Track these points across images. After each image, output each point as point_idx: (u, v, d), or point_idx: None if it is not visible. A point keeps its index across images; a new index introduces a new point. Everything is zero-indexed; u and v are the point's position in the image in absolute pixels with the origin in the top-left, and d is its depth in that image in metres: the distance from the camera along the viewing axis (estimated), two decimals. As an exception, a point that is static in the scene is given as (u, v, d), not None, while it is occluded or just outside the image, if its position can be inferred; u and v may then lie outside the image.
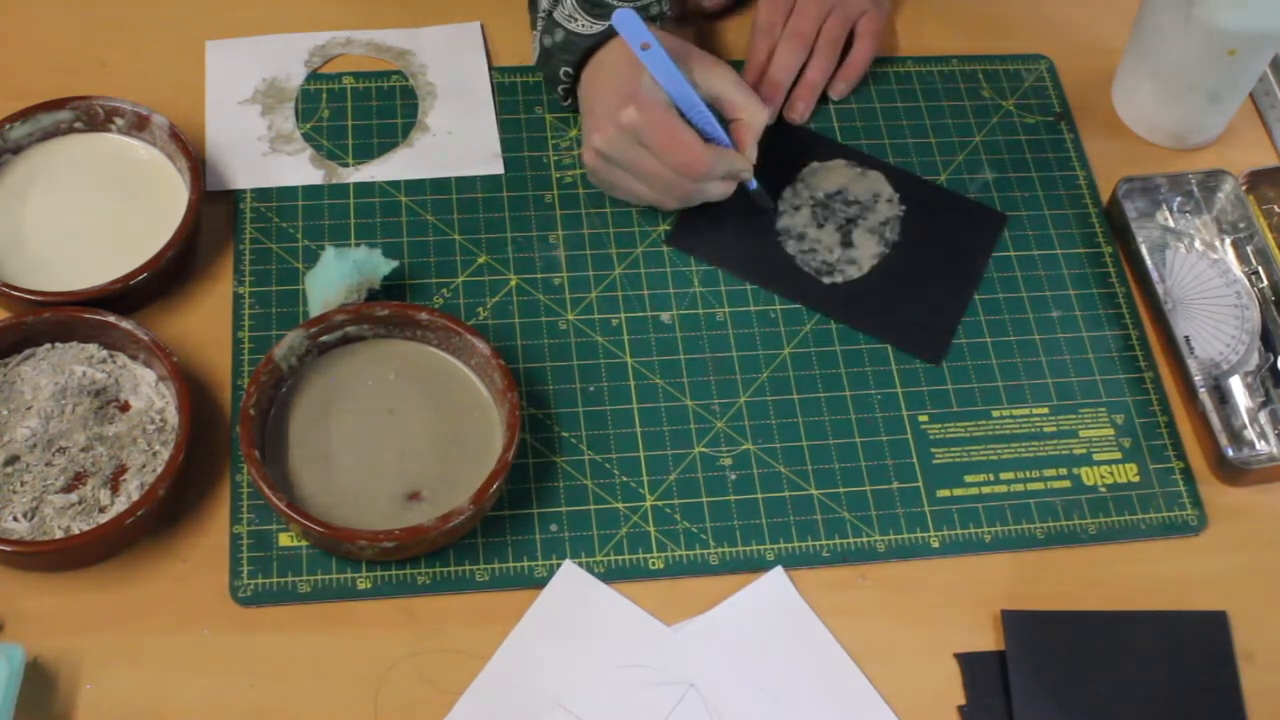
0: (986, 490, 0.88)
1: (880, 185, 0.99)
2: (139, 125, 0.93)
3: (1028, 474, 0.89)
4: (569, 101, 0.97)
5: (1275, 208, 1.01)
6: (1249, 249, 0.99)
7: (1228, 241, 1.00)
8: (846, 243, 0.96)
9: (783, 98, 1.00)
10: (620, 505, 0.86)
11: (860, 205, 0.98)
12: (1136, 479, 0.89)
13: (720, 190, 0.92)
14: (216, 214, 0.94)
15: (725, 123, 0.92)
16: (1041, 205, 1.01)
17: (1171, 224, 1.00)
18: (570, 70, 0.93)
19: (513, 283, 0.93)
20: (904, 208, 0.98)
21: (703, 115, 0.90)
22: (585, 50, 0.91)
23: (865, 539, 0.86)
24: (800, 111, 1.00)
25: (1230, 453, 0.89)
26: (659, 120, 0.87)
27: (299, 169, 0.96)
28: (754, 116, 0.91)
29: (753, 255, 0.95)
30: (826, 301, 0.94)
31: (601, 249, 0.95)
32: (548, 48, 0.93)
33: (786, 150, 0.99)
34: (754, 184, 0.95)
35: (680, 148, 0.87)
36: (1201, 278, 0.97)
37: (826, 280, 0.94)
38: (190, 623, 0.80)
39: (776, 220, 0.96)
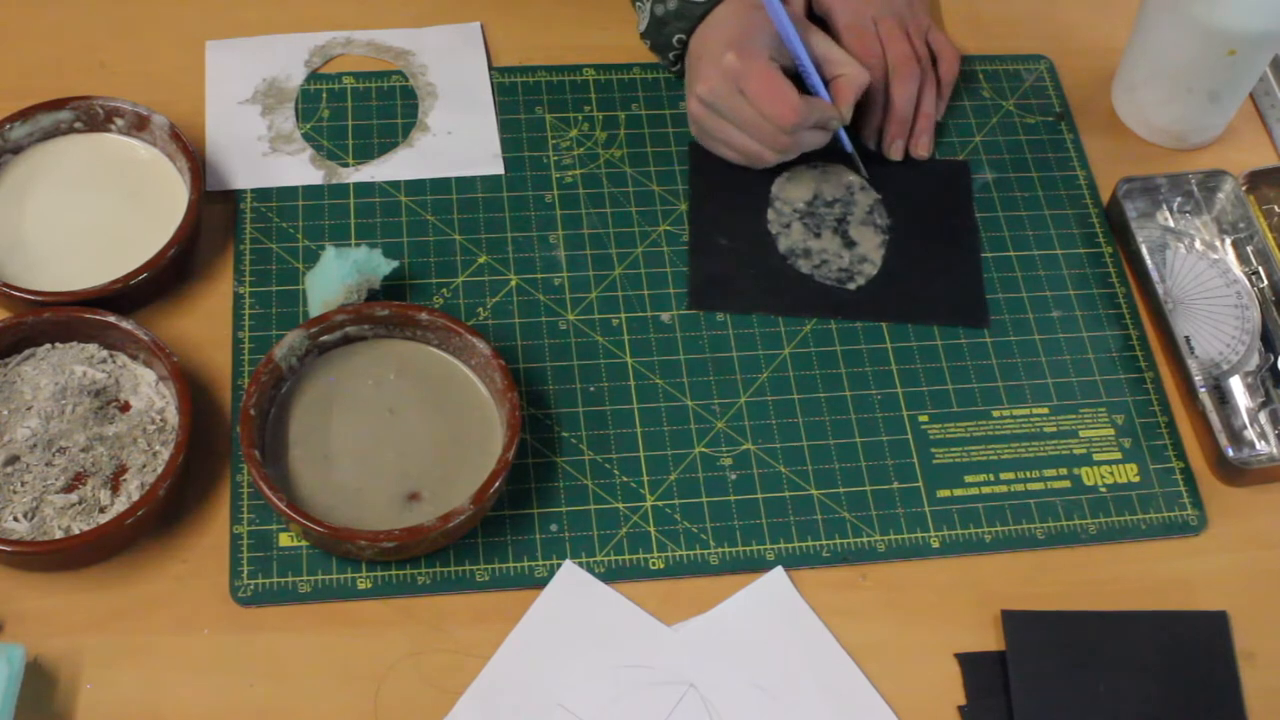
0: (987, 490, 0.88)
1: (846, 176, 0.99)
2: (139, 125, 0.93)
3: (1028, 474, 0.89)
4: (678, 67, 1.00)
5: (1275, 208, 1.01)
6: (1249, 249, 0.99)
7: (1228, 242, 1.00)
8: (849, 243, 0.96)
9: (907, 133, 1.00)
10: (620, 505, 0.86)
11: (841, 203, 0.98)
12: (1137, 479, 0.90)
13: (815, 140, 0.95)
14: (216, 214, 0.94)
15: (826, 82, 0.95)
16: (1041, 205, 1.01)
17: (1171, 224, 1.00)
18: (683, 38, 0.96)
19: (513, 283, 0.93)
20: (876, 194, 0.98)
21: (806, 66, 0.93)
22: (698, 17, 0.95)
23: (865, 539, 0.86)
24: (926, 145, 1.00)
25: (1230, 453, 0.89)
26: (757, 68, 0.91)
27: (299, 169, 0.96)
28: (856, 75, 0.95)
29: (775, 290, 0.94)
30: (860, 308, 0.94)
31: (601, 249, 0.95)
32: (659, 16, 0.97)
33: (750, 173, 0.98)
34: (849, 146, 0.98)
35: (775, 95, 0.91)
36: (1202, 278, 0.97)
37: (851, 286, 0.94)
38: (190, 623, 0.80)
39: (778, 242, 0.96)
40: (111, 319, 0.84)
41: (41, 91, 0.94)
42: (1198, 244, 0.99)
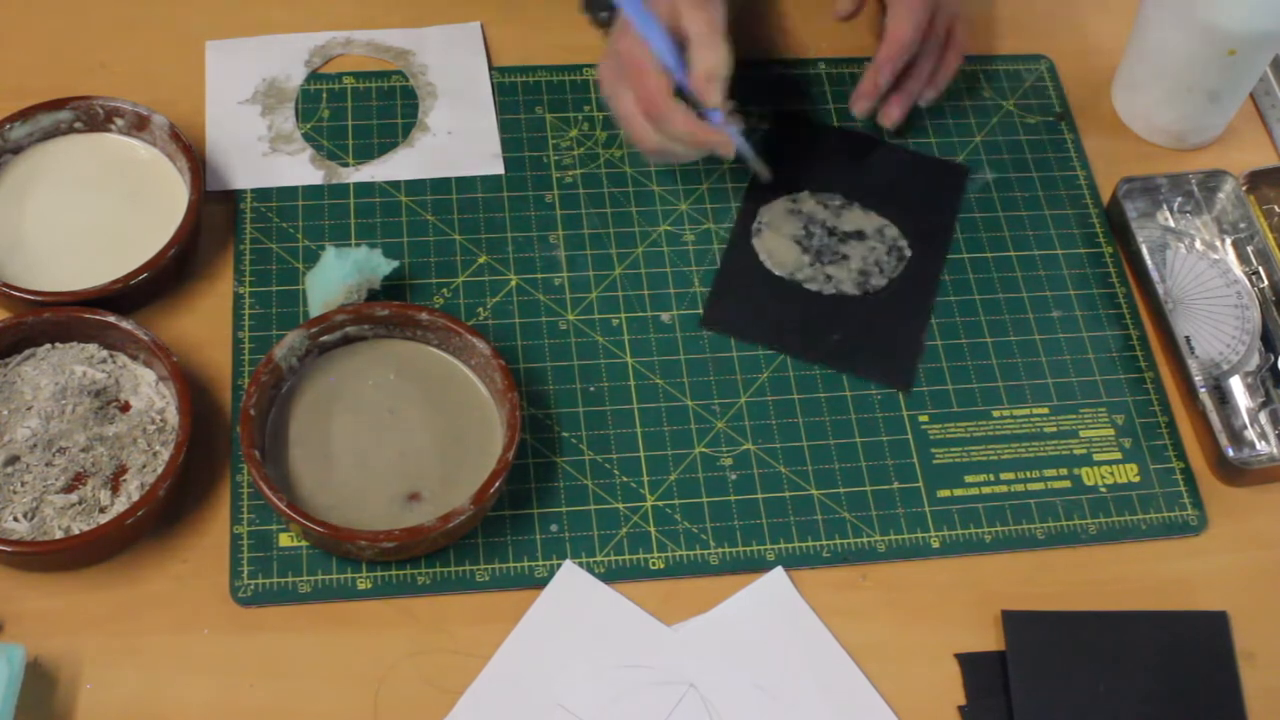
0: (987, 490, 0.88)
1: (782, 203, 0.98)
2: (139, 125, 0.93)
3: (1028, 474, 0.89)
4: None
5: (1275, 208, 1.01)
6: (1249, 249, 0.99)
7: (1228, 241, 1.00)
8: (860, 236, 0.96)
9: (876, 99, 0.99)
10: (620, 505, 0.86)
11: (815, 222, 0.96)
12: (1137, 479, 0.89)
13: (685, 152, 0.88)
14: (216, 214, 0.94)
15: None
16: (1041, 205, 1.01)
17: (1172, 224, 1.00)
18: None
19: (513, 283, 0.93)
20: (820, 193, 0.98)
21: (664, 52, 0.85)
22: None
23: (865, 539, 0.86)
24: (895, 119, 0.99)
25: (1230, 453, 0.89)
26: (636, 49, 0.85)
27: (299, 169, 0.96)
28: (706, 61, 0.84)
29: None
30: (933, 261, 0.95)
31: (601, 249, 0.95)
32: None
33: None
34: (742, 142, 0.89)
35: (642, 76, 0.85)
36: (1202, 278, 0.97)
37: (909, 253, 0.96)
38: (190, 623, 0.80)
39: (844, 290, 0.94)
40: (111, 319, 0.84)
41: (41, 91, 0.94)
42: (1198, 244, 0.99)
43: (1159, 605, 0.85)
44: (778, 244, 0.96)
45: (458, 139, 0.99)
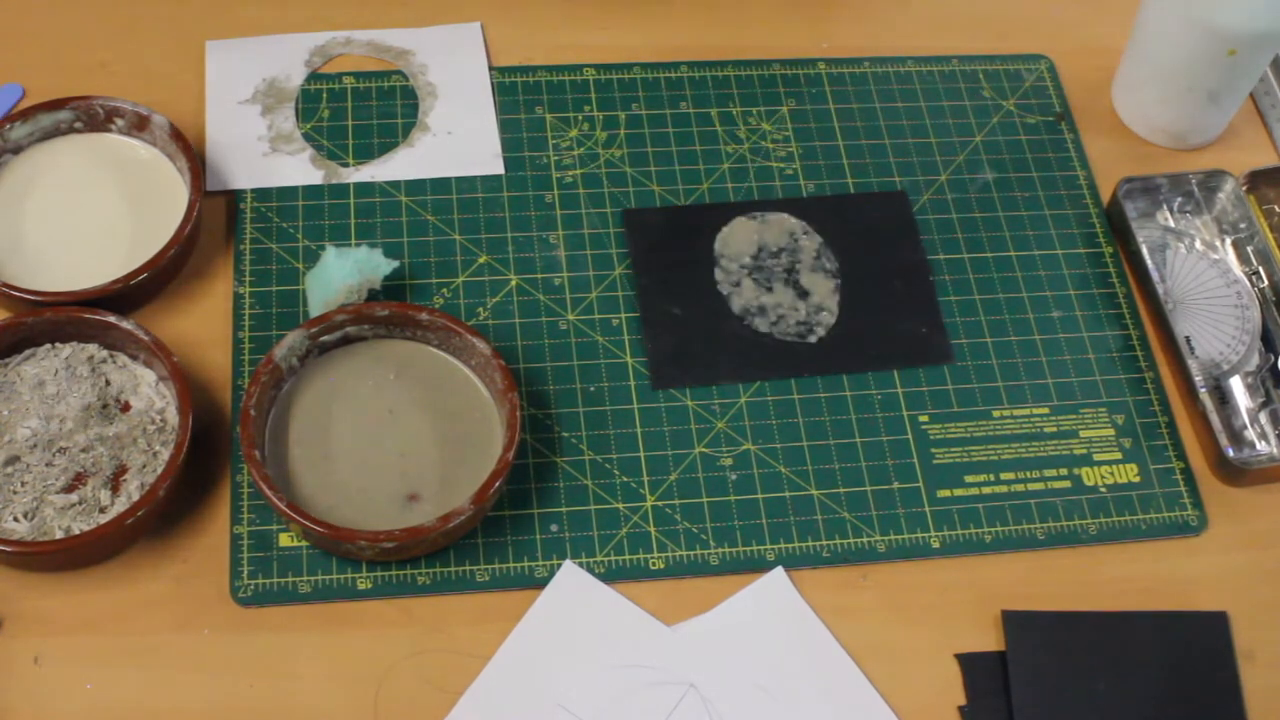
0: (987, 490, 0.88)
1: (787, 223, 0.96)
2: (139, 125, 0.93)
3: (1028, 474, 0.89)
4: None
5: (1276, 208, 1.01)
6: (1249, 249, 0.99)
7: (1228, 241, 1.00)
8: (802, 293, 0.93)
9: None
10: (620, 505, 0.86)
11: (786, 251, 0.95)
12: (1137, 479, 0.90)
13: None
14: (216, 214, 0.94)
15: None
16: (1041, 205, 1.01)
17: (1172, 224, 1.00)
18: None
19: (513, 283, 0.93)
20: (820, 237, 0.96)
21: None
22: None
23: (866, 539, 0.86)
24: None
25: (1231, 453, 0.89)
26: None
27: (299, 169, 0.96)
28: None
29: (735, 355, 0.91)
30: (822, 362, 0.91)
31: (602, 249, 0.95)
32: None
33: (694, 231, 0.96)
34: None
35: None
36: (1202, 278, 0.97)
37: (812, 339, 0.92)
38: (190, 623, 0.80)
39: (730, 303, 0.93)
40: (111, 319, 0.84)
41: (41, 91, 0.94)
42: (1198, 244, 0.99)
43: (1159, 605, 0.85)
44: (735, 236, 0.95)
45: (458, 139, 0.99)
